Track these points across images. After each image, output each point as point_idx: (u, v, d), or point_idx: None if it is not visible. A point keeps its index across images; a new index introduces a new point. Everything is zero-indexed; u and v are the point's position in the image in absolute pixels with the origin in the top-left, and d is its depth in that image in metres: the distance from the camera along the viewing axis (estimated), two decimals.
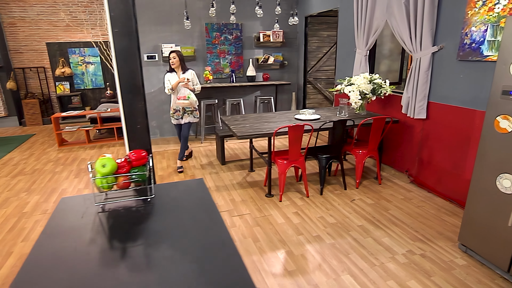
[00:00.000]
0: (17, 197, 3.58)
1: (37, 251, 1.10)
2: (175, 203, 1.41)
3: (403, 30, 3.42)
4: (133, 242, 1.14)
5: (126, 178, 1.38)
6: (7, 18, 7.08)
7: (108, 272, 0.99)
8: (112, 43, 1.36)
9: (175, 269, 1.00)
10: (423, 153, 3.49)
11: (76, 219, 1.30)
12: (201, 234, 1.19)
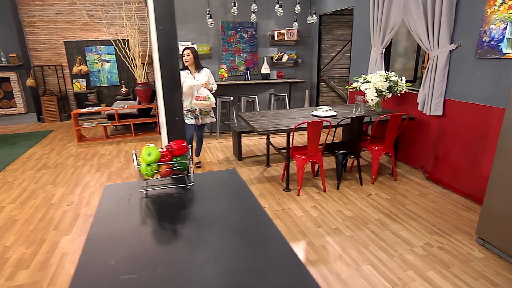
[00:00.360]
0: (44, 189, 3.73)
1: (95, 230, 1.20)
2: (213, 190, 1.50)
3: (420, 28, 3.46)
4: (179, 223, 1.23)
5: (168, 166, 1.48)
6: (27, 17, 7.28)
7: (162, 249, 1.09)
8: (155, 41, 1.46)
9: (222, 246, 1.09)
10: (438, 150, 3.54)
11: (123, 204, 1.40)
12: (242, 216, 1.28)
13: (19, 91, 7.20)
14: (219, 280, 0.93)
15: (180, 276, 0.96)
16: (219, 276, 0.95)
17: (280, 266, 0.99)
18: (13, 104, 7.31)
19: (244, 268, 0.98)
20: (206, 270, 0.97)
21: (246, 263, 1.00)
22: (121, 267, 1.00)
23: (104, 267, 1.00)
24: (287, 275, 0.94)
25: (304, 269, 0.96)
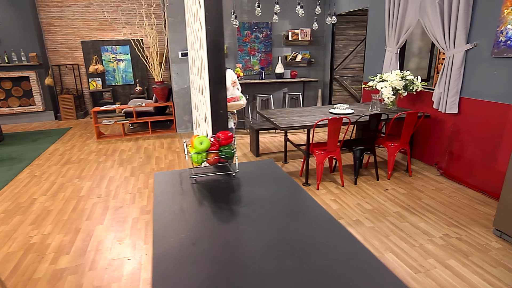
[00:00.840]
0: (71, 183, 3.89)
1: (159, 210, 1.33)
2: (256, 177, 1.63)
3: (436, 29, 3.57)
4: (233, 204, 1.37)
5: (216, 154, 1.61)
6: (46, 18, 7.49)
7: (221, 225, 1.22)
8: (205, 39, 1.59)
9: (272, 223, 1.22)
10: (453, 147, 3.64)
11: (176, 188, 1.54)
12: (288, 199, 1.41)
13: (38, 89, 7.40)
14: (274, 249, 1.06)
15: (240, 247, 1.09)
16: (273, 245, 1.08)
17: (333, 238, 1.11)
18: (32, 102, 7.51)
19: (297, 239, 1.11)
20: (261, 241, 1.11)
21: (298, 236, 1.13)
22: (190, 238, 1.13)
23: (177, 238, 1.13)
24: (341, 245, 1.07)
25: (356, 240, 1.09)
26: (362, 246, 1.06)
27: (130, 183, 3.81)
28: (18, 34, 7.00)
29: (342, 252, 1.03)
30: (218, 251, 1.06)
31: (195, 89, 2.24)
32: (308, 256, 1.01)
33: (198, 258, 1.02)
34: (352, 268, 0.96)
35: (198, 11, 1.67)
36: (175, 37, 5.47)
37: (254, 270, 0.96)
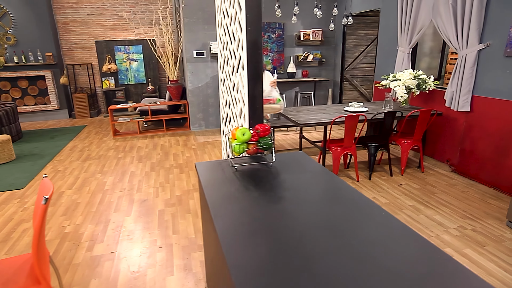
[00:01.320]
0: (94, 178, 4.04)
1: (211, 195, 1.47)
2: (291, 167, 1.76)
3: (449, 29, 3.68)
4: (274, 189, 1.50)
5: (255, 145, 1.74)
6: (61, 18, 7.66)
7: (270, 206, 1.35)
8: (245, 39, 1.72)
9: (315, 206, 1.35)
10: (465, 144, 3.75)
11: (220, 175, 1.67)
12: (325, 185, 1.54)
13: (53, 88, 7.57)
14: (321, 226, 1.19)
15: (289, 224, 1.22)
16: (319, 224, 1.21)
17: (372, 217, 1.24)
18: (47, 101, 7.68)
19: (340, 218, 1.24)
20: (308, 219, 1.24)
21: (340, 215, 1.26)
22: (246, 216, 1.27)
23: (234, 216, 1.27)
24: (383, 224, 1.20)
25: (394, 218, 1.22)
26: (400, 223, 1.19)
27: (151, 178, 3.95)
28: (35, 34, 7.18)
29: (384, 228, 1.16)
30: (272, 227, 1.19)
31: (225, 87, 2.38)
32: (351, 233, 1.14)
33: (257, 232, 1.16)
34: (396, 243, 1.09)
35: (238, 14, 1.80)
36: (190, 37, 5.61)
37: (308, 241, 1.09)
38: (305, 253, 1.03)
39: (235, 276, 0.91)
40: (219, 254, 1.13)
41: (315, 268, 0.96)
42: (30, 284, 1.57)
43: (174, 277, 2.19)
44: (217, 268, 1.40)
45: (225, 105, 2.42)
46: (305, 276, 0.92)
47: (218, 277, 1.43)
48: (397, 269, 0.95)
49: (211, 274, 1.78)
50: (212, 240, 1.39)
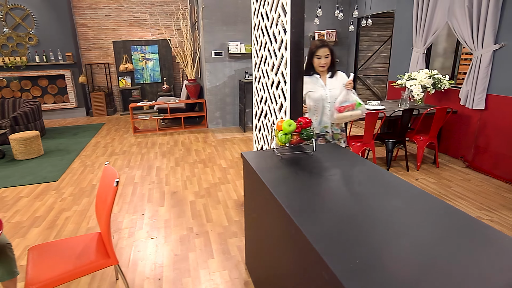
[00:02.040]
0: (123, 171, 4.23)
1: (266, 177, 1.64)
2: (330, 156, 1.94)
3: (464, 31, 3.84)
4: (322, 174, 1.67)
5: (298, 136, 1.92)
6: (80, 19, 7.89)
7: (323, 185, 1.53)
8: (289, 40, 1.90)
9: (364, 187, 1.52)
10: (479, 141, 3.91)
11: (269, 163, 1.84)
12: (367, 172, 1.71)
13: (72, 87, 7.80)
14: (375, 206, 1.37)
15: (348, 200, 1.39)
16: (366, 197, 1.39)
17: (419, 200, 1.42)
18: (66, 99, 7.91)
19: (380, 193, 1.42)
20: (357, 196, 1.41)
21: (382, 192, 1.44)
22: (304, 194, 1.44)
23: (293, 194, 1.44)
24: (429, 206, 1.37)
25: (442, 201, 1.39)
26: (451, 207, 1.36)
27: (177, 172, 4.14)
28: (55, 35, 7.41)
29: (436, 209, 1.34)
30: (329, 202, 1.37)
31: (261, 84, 2.56)
32: (400, 213, 1.31)
33: (324, 207, 1.33)
34: (453, 223, 1.26)
35: (282, 17, 1.98)
36: (209, 37, 5.80)
37: (376, 211, 1.26)
38: (363, 221, 1.20)
39: (315, 242, 1.08)
40: (287, 225, 1.30)
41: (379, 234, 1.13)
42: (100, 258, 1.76)
43: (215, 260, 2.38)
44: (272, 243, 1.57)
45: (260, 101, 2.60)
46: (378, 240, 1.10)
47: (270, 254, 1.61)
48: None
49: (254, 254, 1.95)
50: (271, 217, 1.56)
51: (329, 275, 0.96)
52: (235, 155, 4.73)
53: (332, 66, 2.42)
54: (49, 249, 1.85)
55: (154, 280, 2.18)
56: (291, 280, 1.36)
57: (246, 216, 2.17)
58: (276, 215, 1.45)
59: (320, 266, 1.01)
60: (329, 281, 0.97)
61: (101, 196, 1.89)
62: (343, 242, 1.08)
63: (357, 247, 1.05)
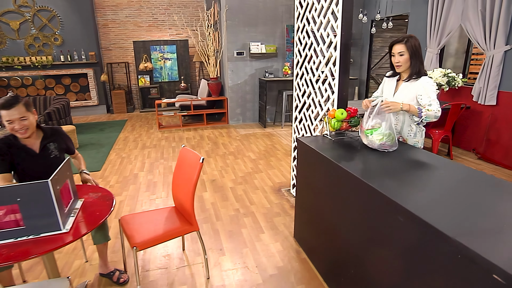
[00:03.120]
0: (159, 162, 4.55)
1: (329, 155, 1.97)
2: None
3: (477, 33, 4.17)
4: (375, 152, 1.99)
5: (347, 123, 2.25)
6: (102, 20, 8.21)
7: (380, 161, 1.85)
8: (339, 41, 2.23)
9: (411, 172, 1.85)
10: (491, 134, 4.24)
11: (324, 145, 2.17)
12: (411, 153, 2.04)
13: (94, 85, 8.11)
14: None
15: (404, 173, 1.72)
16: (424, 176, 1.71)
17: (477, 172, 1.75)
18: (87, 97, 8.23)
19: (431, 170, 1.74)
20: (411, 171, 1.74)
21: (432, 168, 1.76)
22: (371, 165, 1.77)
23: (359, 166, 1.77)
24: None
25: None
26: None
27: (211, 163, 4.46)
28: (79, 35, 7.72)
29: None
30: (393, 174, 1.70)
31: (303, 80, 2.89)
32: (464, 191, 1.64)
33: (382, 170, 1.66)
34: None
35: (331, 21, 2.31)
36: (231, 38, 6.13)
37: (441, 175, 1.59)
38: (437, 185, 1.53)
39: (392, 195, 1.41)
40: (358, 186, 1.62)
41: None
42: (185, 225, 2.09)
43: (266, 234, 2.70)
44: (333, 212, 1.90)
45: (302, 95, 2.93)
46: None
47: (328, 224, 1.92)
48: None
49: (304, 228, 2.25)
50: (335, 186, 1.88)
51: (405, 214, 1.28)
52: (261, 148, 5.06)
53: (413, 67, 2.08)
54: (137, 219, 2.17)
55: (217, 250, 2.51)
56: (351, 246, 1.68)
57: (297, 195, 2.49)
58: (344, 182, 1.77)
59: (394, 210, 1.33)
60: (404, 222, 1.30)
61: (181, 173, 2.21)
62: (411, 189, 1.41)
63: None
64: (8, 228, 1.43)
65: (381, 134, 1.95)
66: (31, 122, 1.87)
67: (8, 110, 1.76)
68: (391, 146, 1.97)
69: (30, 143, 1.95)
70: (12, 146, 1.89)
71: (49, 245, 1.44)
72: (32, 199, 1.41)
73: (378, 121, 1.96)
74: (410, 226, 1.29)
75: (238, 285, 2.12)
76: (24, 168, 1.95)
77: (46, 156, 1.99)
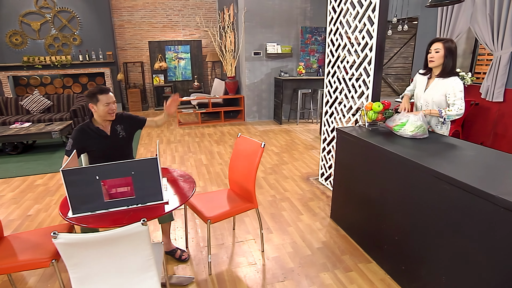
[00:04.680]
0: (188, 156, 4.84)
1: (370, 139, 2.28)
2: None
3: (485, 35, 4.51)
4: (403, 140, 2.30)
5: (381, 114, 2.56)
6: (118, 21, 8.47)
7: (417, 145, 2.16)
8: (375, 43, 2.54)
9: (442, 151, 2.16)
10: (498, 128, 4.58)
11: (362, 133, 2.48)
12: (442, 143, 2.36)
13: (111, 84, 8.37)
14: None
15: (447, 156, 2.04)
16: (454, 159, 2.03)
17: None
18: None
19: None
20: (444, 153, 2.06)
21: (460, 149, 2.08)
22: (407, 150, 2.08)
23: (400, 148, 2.08)
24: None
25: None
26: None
27: None
28: (97, 35, 7.99)
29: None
30: (431, 154, 2.01)
31: (335, 78, 3.20)
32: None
33: (429, 152, 1.97)
34: None
35: (368, 25, 2.63)
36: (249, 38, 6.43)
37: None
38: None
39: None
40: (404, 167, 1.93)
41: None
42: (246, 203, 2.39)
43: (304, 216, 3.01)
44: (376, 192, 2.20)
45: (334, 91, 3.24)
46: None
47: (366, 204, 2.23)
48: None
49: (342, 208, 2.55)
50: (377, 168, 2.18)
51: (452, 183, 1.59)
52: (282, 143, 5.36)
53: (446, 66, 2.29)
54: (200, 199, 2.47)
55: (265, 229, 2.81)
56: (395, 216, 1.98)
57: (335, 179, 2.80)
58: (387, 162, 2.08)
59: (440, 180, 1.64)
60: (450, 189, 1.62)
61: (241, 158, 2.51)
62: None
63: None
64: (123, 198, 1.72)
65: (413, 125, 2.26)
66: (116, 106, 2.21)
67: (107, 95, 2.15)
68: (423, 135, 2.30)
69: (103, 127, 2.25)
70: (88, 130, 2.21)
71: (155, 212, 1.74)
72: (142, 172, 1.71)
73: (404, 119, 2.31)
74: (456, 192, 1.61)
75: (291, 256, 2.42)
76: (96, 149, 2.24)
77: (115, 137, 2.30)
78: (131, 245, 1.31)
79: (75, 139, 2.17)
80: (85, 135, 2.21)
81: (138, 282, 1.42)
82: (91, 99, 2.15)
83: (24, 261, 1.74)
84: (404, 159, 1.93)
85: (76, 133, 2.19)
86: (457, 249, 1.64)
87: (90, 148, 2.24)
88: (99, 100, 2.13)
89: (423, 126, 2.29)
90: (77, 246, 1.25)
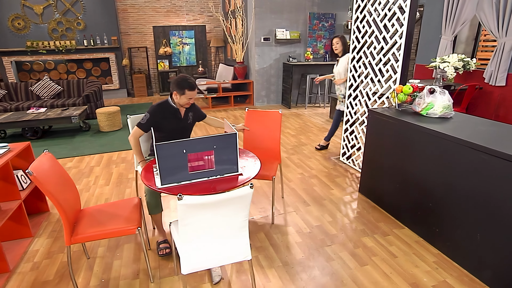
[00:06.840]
0: None
1: (403, 118, 2.53)
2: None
3: (491, 22, 4.79)
4: (433, 119, 2.56)
5: (410, 96, 2.81)
6: (121, 5, 8.39)
7: (444, 125, 2.42)
8: (405, 31, 2.77)
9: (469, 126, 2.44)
10: (500, 111, 4.93)
11: (392, 113, 2.73)
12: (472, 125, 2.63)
13: (115, 69, 8.37)
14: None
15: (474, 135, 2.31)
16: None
17: None
18: (108, 81, 8.48)
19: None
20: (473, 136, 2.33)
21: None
22: (439, 127, 2.35)
23: (441, 126, 2.34)
24: None
25: None
26: None
27: None
28: (101, 20, 7.92)
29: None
30: (460, 131, 2.28)
31: (360, 63, 3.42)
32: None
33: (455, 129, 2.24)
34: None
35: (398, 13, 2.84)
36: (259, 24, 6.55)
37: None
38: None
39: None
40: (436, 141, 2.19)
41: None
42: (273, 162, 2.63)
43: (335, 190, 3.28)
44: (404, 167, 2.47)
45: (359, 76, 3.47)
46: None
47: (394, 178, 2.49)
48: None
49: (370, 182, 2.82)
50: (410, 144, 2.44)
51: (490, 153, 1.86)
52: (296, 126, 5.60)
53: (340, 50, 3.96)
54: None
55: (301, 202, 3.06)
56: (429, 186, 2.25)
57: (365, 156, 3.06)
58: (421, 138, 2.34)
59: (477, 151, 1.91)
60: (488, 159, 1.89)
61: (260, 127, 2.82)
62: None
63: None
64: (203, 170, 1.93)
65: (442, 106, 2.57)
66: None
67: (193, 91, 2.29)
68: (450, 114, 2.58)
69: (180, 110, 2.43)
70: (167, 108, 2.38)
71: (231, 183, 1.95)
72: (223, 146, 1.92)
73: (429, 100, 2.62)
74: (494, 161, 1.88)
75: (332, 223, 2.69)
76: (168, 128, 2.41)
77: (185, 121, 2.48)
78: (237, 205, 1.53)
79: (153, 113, 2.33)
80: (163, 112, 2.36)
81: (235, 241, 1.65)
82: (179, 89, 2.26)
83: (113, 229, 1.94)
84: (440, 134, 2.20)
85: (156, 108, 2.34)
86: (492, 210, 1.93)
87: (163, 125, 2.38)
88: (185, 94, 2.27)
89: (450, 106, 2.57)
90: (195, 207, 1.46)
